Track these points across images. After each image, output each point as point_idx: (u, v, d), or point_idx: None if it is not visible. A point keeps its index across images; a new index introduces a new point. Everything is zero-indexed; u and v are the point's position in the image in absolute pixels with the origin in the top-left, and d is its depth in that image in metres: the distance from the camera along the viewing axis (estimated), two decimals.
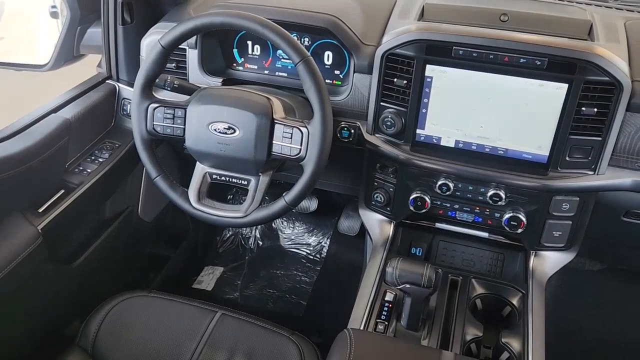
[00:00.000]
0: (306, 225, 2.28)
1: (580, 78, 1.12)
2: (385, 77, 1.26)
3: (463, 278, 1.30)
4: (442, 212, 1.36)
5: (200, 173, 1.24)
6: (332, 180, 1.60)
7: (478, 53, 1.17)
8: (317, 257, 2.21)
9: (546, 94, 1.16)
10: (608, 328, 1.90)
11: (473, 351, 1.16)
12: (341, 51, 1.36)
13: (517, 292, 1.27)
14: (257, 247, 2.24)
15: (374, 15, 1.37)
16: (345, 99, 1.33)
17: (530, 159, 1.24)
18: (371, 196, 1.42)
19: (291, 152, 1.14)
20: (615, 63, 1.12)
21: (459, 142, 1.27)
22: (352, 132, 1.34)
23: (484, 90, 1.20)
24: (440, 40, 1.19)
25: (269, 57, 1.44)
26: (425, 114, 1.26)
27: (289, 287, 2.08)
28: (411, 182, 1.34)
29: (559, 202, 1.26)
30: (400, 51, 1.22)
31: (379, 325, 1.16)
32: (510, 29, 1.21)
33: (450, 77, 1.21)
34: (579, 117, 1.16)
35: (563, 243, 1.32)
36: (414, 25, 1.23)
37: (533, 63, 1.15)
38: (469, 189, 1.30)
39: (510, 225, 1.29)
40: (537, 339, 1.14)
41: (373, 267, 1.32)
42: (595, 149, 1.19)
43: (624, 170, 1.21)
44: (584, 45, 1.15)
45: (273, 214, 1.18)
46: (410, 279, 1.09)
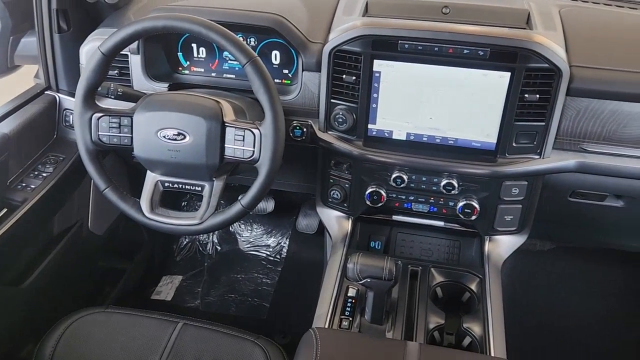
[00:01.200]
0: (264, 227, 2.26)
1: (522, 66, 1.16)
2: (334, 74, 1.26)
3: (422, 268, 1.32)
4: (398, 204, 1.38)
5: (152, 182, 1.20)
6: (287, 180, 1.59)
7: (423, 46, 1.19)
8: (277, 257, 2.20)
9: (490, 83, 1.19)
10: (560, 303, 1.98)
11: (437, 339, 1.18)
12: (288, 50, 1.35)
13: (474, 277, 1.30)
14: (215, 252, 2.21)
15: (318, 12, 1.37)
16: (296, 98, 1.33)
17: (479, 147, 1.27)
18: (327, 193, 1.42)
19: (244, 155, 1.12)
20: (554, 50, 1.16)
21: (410, 134, 1.29)
22: (305, 131, 1.34)
23: (431, 82, 1.22)
24: (386, 35, 1.20)
25: (215, 60, 1.42)
26: (376, 109, 1.27)
27: (251, 290, 2.06)
28: (366, 177, 1.35)
29: (509, 187, 1.30)
30: (347, 47, 1.23)
31: (343, 322, 1.16)
32: (453, 21, 1.23)
33: (398, 71, 1.22)
34: (522, 104, 1.20)
35: (515, 227, 1.36)
36: (359, 21, 1.24)
37: (476, 53, 1.17)
38: (423, 180, 1.32)
39: (464, 212, 1.32)
40: (497, 321, 1.17)
41: (334, 264, 1.32)
42: (540, 133, 1.23)
43: (567, 153, 1.26)
44: (523, 34, 1.19)
45: (230, 218, 1.16)
46: (371, 273, 1.09)
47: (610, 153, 1.24)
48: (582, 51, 1.22)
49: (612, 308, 1.99)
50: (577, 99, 1.20)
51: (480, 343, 1.14)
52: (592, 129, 1.23)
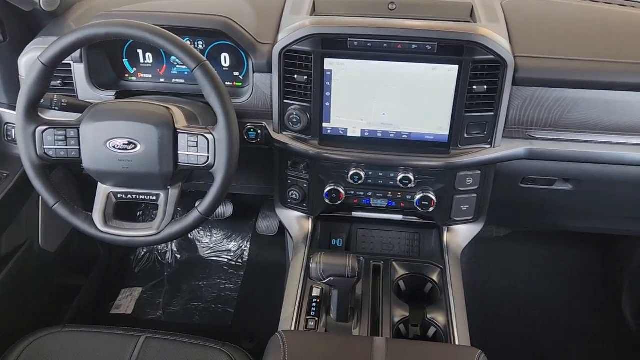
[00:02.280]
0: (224, 232, 2.23)
1: (469, 59, 1.18)
2: (286, 75, 1.26)
3: (384, 262, 1.33)
4: (357, 201, 1.39)
5: (104, 194, 1.16)
6: (245, 183, 1.57)
7: (372, 43, 1.20)
8: (239, 262, 2.17)
9: (440, 77, 1.21)
10: (519, 287, 2.05)
11: (402, 332, 1.19)
12: (238, 52, 1.34)
13: (435, 268, 1.32)
14: (175, 261, 2.17)
15: (266, 13, 1.36)
16: (248, 100, 1.31)
17: (433, 139, 1.29)
18: (286, 194, 1.41)
19: (199, 161, 1.10)
20: (498, 41, 1.19)
21: (365, 131, 1.30)
22: (259, 133, 1.33)
23: (382, 79, 1.23)
24: (335, 34, 1.20)
25: (163, 65, 1.39)
26: (329, 107, 1.27)
27: (214, 296, 2.03)
28: (324, 176, 1.35)
29: (463, 178, 1.32)
30: (297, 47, 1.22)
31: (309, 322, 1.16)
32: (399, 17, 1.25)
33: (349, 68, 1.23)
34: (471, 96, 1.22)
35: (471, 215, 1.40)
36: (308, 21, 1.24)
37: (424, 48, 1.19)
38: (380, 175, 1.33)
39: (422, 205, 1.34)
40: (459, 310, 1.20)
41: (296, 264, 1.32)
42: (490, 123, 1.26)
43: (517, 141, 1.30)
44: (468, 27, 1.21)
45: (188, 226, 1.14)
46: (334, 272, 1.09)
47: (557, 139, 1.29)
48: (525, 41, 1.26)
49: (569, 288, 2.06)
50: (522, 88, 1.24)
51: (444, 332, 1.16)
52: (539, 117, 1.26)
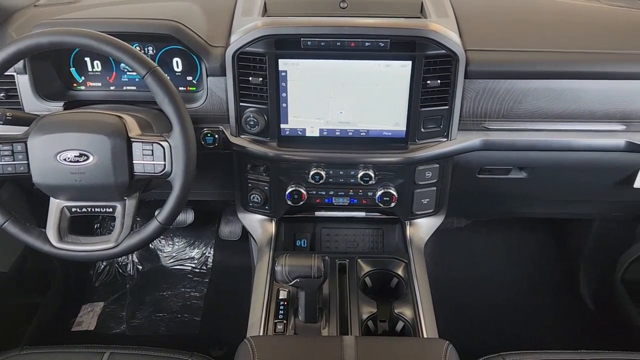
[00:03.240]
0: (186, 239, 2.20)
1: (421, 54, 1.20)
2: (240, 77, 1.24)
3: (349, 260, 1.33)
4: (319, 200, 1.39)
5: (57, 209, 1.12)
6: (204, 189, 1.55)
7: (326, 42, 1.20)
8: (203, 269, 2.14)
9: (394, 73, 1.22)
10: (482, 275, 2.10)
11: (371, 328, 1.20)
12: (190, 56, 1.31)
13: (400, 262, 1.34)
14: (137, 272, 2.12)
15: (216, 15, 1.34)
16: (203, 105, 1.29)
17: (391, 135, 1.30)
18: (247, 198, 1.40)
19: (155, 170, 1.08)
20: (449, 36, 1.21)
21: (323, 130, 1.30)
22: (216, 137, 1.31)
23: (337, 77, 1.23)
24: (288, 34, 1.19)
25: (112, 72, 1.35)
26: (286, 108, 1.27)
27: (179, 306, 1.99)
28: (284, 177, 1.35)
29: (422, 172, 1.34)
30: (250, 49, 1.21)
31: (278, 326, 1.15)
32: (351, 15, 1.25)
33: (304, 68, 1.22)
34: (426, 91, 1.24)
35: (432, 208, 1.42)
36: (260, 22, 1.22)
37: (377, 45, 1.20)
38: (340, 173, 1.34)
39: (383, 201, 1.35)
40: (425, 302, 1.21)
41: (262, 268, 1.31)
42: (445, 117, 1.28)
43: (471, 133, 1.32)
44: (419, 23, 1.23)
45: (147, 237, 1.11)
46: (300, 273, 1.09)
47: (510, 129, 1.32)
48: (475, 35, 1.28)
49: (529, 273, 2.13)
50: (475, 81, 1.26)
51: (412, 326, 1.17)
52: (492, 108, 1.29)
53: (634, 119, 1.29)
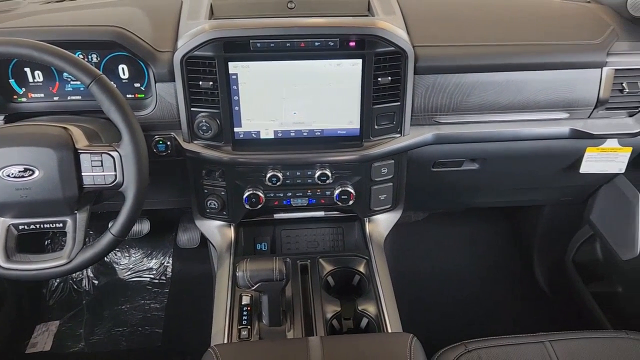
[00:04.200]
0: (143, 250, 2.14)
1: (371, 52, 1.21)
2: (190, 82, 1.22)
3: (311, 260, 1.33)
4: (277, 202, 1.38)
5: (2, 228, 1.07)
6: (159, 198, 1.51)
7: (275, 43, 1.19)
8: (162, 279, 2.09)
9: (345, 72, 1.23)
10: (440, 265, 2.14)
11: (336, 327, 1.20)
12: (136, 62, 1.28)
13: (361, 259, 1.35)
14: (93, 287, 2.05)
15: (162, 19, 1.31)
16: (153, 112, 1.26)
17: (345, 134, 1.31)
18: (204, 204, 1.37)
19: (106, 181, 1.04)
20: (397, 33, 1.22)
21: (278, 132, 1.29)
22: (169, 144, 1.28)
23: (288, 78, 1.23)
24: (236, 36, 1.18)
25: (55, 82, 1.30)
26: (239, 112, 1.25)
27: (140, 319, 1.94)
28: (241, 181, 1.33)
29: (378, 168, 1.35)
30: (198, 53, 1.19)
31: (242, 332, 1.14)
32: (299, 15, 1.25)
33: (255, 70, 1.21)
34: (377, 88, 1.25)
35: (390, 204, 1.43)
36: (207, 25, 1.20)
37: (327, 45, 1.20)
38: (297, 174, 1.33)
39: (341, 199, 1.36)
40: (388, 297, 1.23)
41: (223, 275, 1.29)
42: (397, 113, 1.30)
43: (424, 127, 1.34)
44: (367, 21, 1.24)
45: (101, 251, 1.07)
46: (262, 277, 1.08)
47: (460, 122, 1.35)
48: (422, 31, 1.30)
49: (486, 261, 2.18)
50: (424, 77, 1.28)
51: (376, 322, 1.18)
52: (442, 102, 1.32)
53: (576, 106, 1.34)
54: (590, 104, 1.34)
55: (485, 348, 1.17)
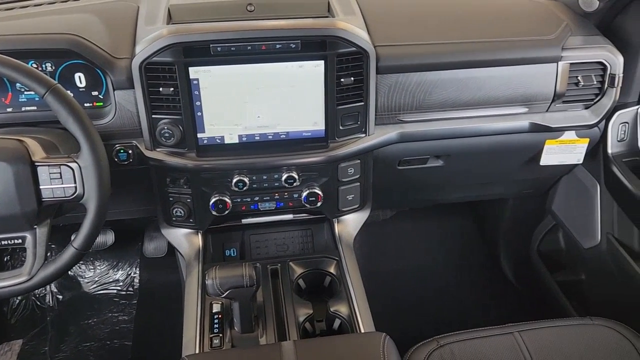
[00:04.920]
0: (108, 262, 2.09)
1: (333, 53, 1.21)
2: (150, 89, 1.19)
3: (281, 264, 1.32)
4: (245, 207, 1.36)
5: None
6: (123, 208, 1.48)
7: (236, 47, 1.18)
8: (130, 290, 2.05)
9: (307, 74, 1.23)
10: (409, 262, 2.16)
11: (309, 330, 1.20)
12: (93, 70, 1.24)
13: (331, 260, 1.34)
14: (57, 303, 1.98)
15: (118, 25, 1.27)
16: (113, 120, 1.23)
17: (310, 136, 1.30)
18: (170, 212, 1.35)
19: (66, 193, 1.01)
20: (357, 34, 1.23)
21: (242, 136, 1.28)
22: (131, 153, 1.25)
23: (251, 81, 1.22)
24: (196, 41, 1.16)
25: (8, 93, 1.25)
26: (202, 117, 1.23)
27: (108, 332, 1.89)
28: (207, 188, 1.31)
29: (345, 169, 1.35)
30: (157, 59, 1.16)
31: (214, 341, 1.12)
32: (259, 18, 1.24)
33: (216, 75, 1.20)
34: (340, 89, 1.25)
35: (358, 204, 1.44)
36: (165, 30, 1.18)
37: (288, 47, 1.19)
38: (264, 178, 1.32)
39: (309, 201, 1.35)
40: (360, 297, 1.23)
41: (192, 283, 1.27)
42: (361, 113, 1.30)
43: (388, 127, 1.35)
44: (327, 22, 1.24)
45: (64, 266, 1.04)
46: (232, 284, 1.06)
47: (423, 119, 1.36)
48: (383, 31, 1.31)
49: (455, 256, 2.22)
50: (386, 76, 1.29)
51: (349, 322, 1.18)
52: (404, 101, 1.33)
53: (534, 101, 1.38)
54: (547, 98, 1.38)
55: (456, 342, 1.19)
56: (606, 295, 1.63)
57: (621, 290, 1.53)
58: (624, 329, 1.22)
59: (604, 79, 1.38)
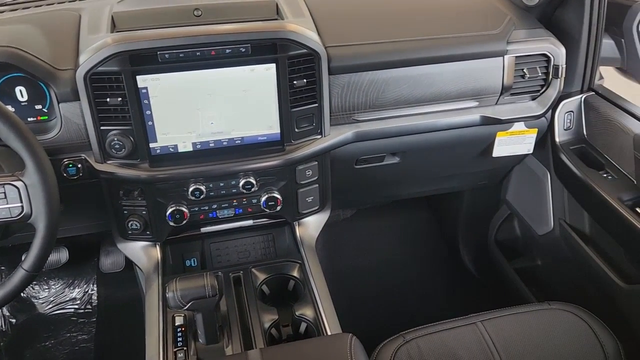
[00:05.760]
0: (63, 280, 2.01)
1: (284, 55, 1.20)
2: (96, 100, 1.15)
3: (244, 271, 1.31)
4: (203, 216, 1.34)
5: None
6: (76, 224, 1.43)
7: (184, 53, 1.15)
8: (88, 308, 1.98)
9: (259, 77, 1.21)
10: (372, 260, 2.18)
11: (275, 336, 1.19)
12: (35, 83, 1.19)
13: (294, 264, 1.34)
14: (10, 327, 1.90)
15: (59, 36, 1.23)
16: (59, 134, 1.19)
17: (266, 140, 1.29)
18: (125, 226, 1.31)
19: (12, 214, 0.97)
20: (308, 35, 1.22)
21: (196, 144, 1.25)
22: (80, 167, 1.21)
23: (202, 88, 1.19)
24: (142, 49, 1.13)
25: None
26: (153, 126, 1.20)
27: (67, 354, 1.82)
28: (162, 198, 1.28)
29: (302, 171, 1.35)
30: (103, 69, 1.13)
31: (178, 355, 1.09)
32: (207, 23, 1.22)
33: (165, 82, 1.17)
34: (294, 91, 1.25)
35: (317, 205, 1.43)
36: (110, 38, 1.15)
37: (238, 51, 1.18)
38: (221, 185, 1.30)
39: (269, 206, 1.34)
40: (324, 299, 1.22)
41: (152, 297, 1.24)
42: (316, 115, 1.30)
43: (343, 127, 1.36)
44: (277, 25, 1.23)
45: (14, 289, 0.99)
46: (194, 295, 1.04)
47: (377, 118, 1.37)
48: (333, 32, 1.32)
49: (416, 251, 2.25)
50: (339, 76, 1.29)
51: (315, 325, 1.18)
52: (358, 100, 1.34)
53: (484, 94, 1.41)
54: (496, 91, 1.41)
55: (422, 337, 1.20)
56: (562, 279, 1.68)
57: (576, 274, 1.58)
58: (580, 311, 1.26)
59: (548, 70, 1.42)
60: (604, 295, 1.41)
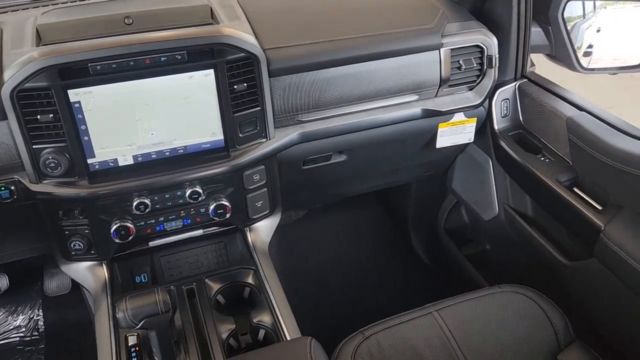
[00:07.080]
0: (5, 308, 1.91)
1: (221, 60, 1.18)
2: (26, 117, 1.10)
3: (197, 282, 1.28)
4: (150, 230, 1.30)
5: None
6: (13, 249, 1.36)
7: (117, 63, 1.11)
8: (35, 335, 1.88)
9: (199, 84, 1.19)
10: (327, 259, 2.18)
11: (234, 345, 1.17)
12: None
13: (248, 270, 1.32)
14: None
15: None
16: None
17: (210, 147, 1.27)
18: (68, 247, 1.25)
19: None
20: (244, 39, 1.20)
21: (137, 156, 1.21)
22: (13, 189, 1.15)
23: (139, 98, 1.16)
24: (72, 61, 1.08)
25: None
26: (90, 141, 1.16)
27: None
28: (105, 215, 1.23)
29: (250, 176, 1.33)
30: (30, 85, 1.07)
31: None
32: (140, 31, 1.18)
33: (99, 95, 1.12)
34: (235, 96, 1.23)
35: (267, 209, 1.42)
36: (36, 52, 1.09)
37: (174, 58, 1.15)
38: (167, 197, 1.27)
39: (218, 214, 1.32)
40: (281, 304, 1.21)
41: (102, 318, 1.19)
42: (259, 118, 1.28)
43: (288, 128, 1.35)
44: (212, 29, 1.21)
45: None
46: (146, 313, 1.01)
47: (321, 117, 1.37)
48: (270, 34, 1.30)
49: (370, 245, 2.27)
50: (279, 78, 1.28)
51: (273, 331, 1.17)
52: (301, 101, 1.33)
53: (423, 88, 1.43)
54: (435, 84, 1.44)
55: (381, 331, 1.21)
56: (510, 262, 1.74)
57: (522, 256, 1.64)
58: (529, 291, 1.30)
59: (483, 60, 1.47)
60: (551, 274, 1.47)
